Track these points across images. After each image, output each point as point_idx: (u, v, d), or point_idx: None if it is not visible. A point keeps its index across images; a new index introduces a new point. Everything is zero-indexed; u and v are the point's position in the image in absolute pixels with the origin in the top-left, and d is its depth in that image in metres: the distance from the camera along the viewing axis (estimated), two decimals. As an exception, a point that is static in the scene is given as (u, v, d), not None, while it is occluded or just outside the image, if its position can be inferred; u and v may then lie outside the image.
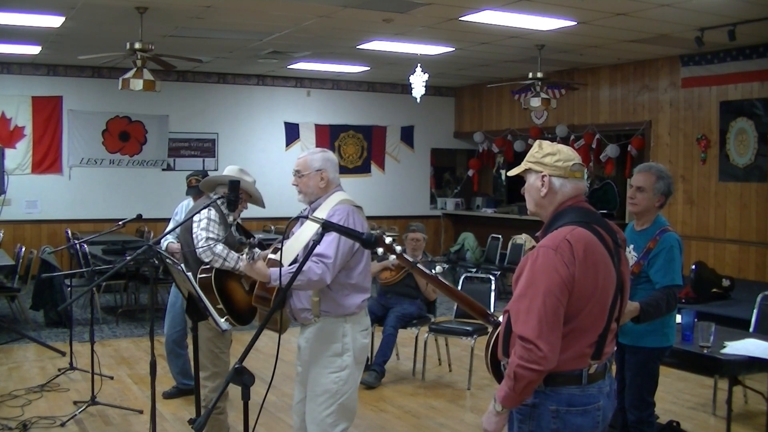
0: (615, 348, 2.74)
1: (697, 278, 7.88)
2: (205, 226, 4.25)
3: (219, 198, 4.24)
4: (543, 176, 2.67)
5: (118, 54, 8.10)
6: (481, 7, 7.56)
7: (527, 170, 2.73)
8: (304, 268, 3.32)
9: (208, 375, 4.42)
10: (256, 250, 3.47)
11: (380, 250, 2.87)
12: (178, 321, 5.79)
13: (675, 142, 10.44)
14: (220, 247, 4.22)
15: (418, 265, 3.02)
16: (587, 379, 2.56)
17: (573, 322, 2.51)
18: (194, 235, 4.28)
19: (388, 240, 2.88)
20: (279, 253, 3.48)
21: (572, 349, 2.53)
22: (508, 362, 2.53)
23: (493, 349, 2.88)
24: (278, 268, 3.41)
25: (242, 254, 3.56)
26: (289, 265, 3.49)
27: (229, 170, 4.51)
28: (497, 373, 2.90)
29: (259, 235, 3.76)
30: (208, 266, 4.23)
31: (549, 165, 2.67)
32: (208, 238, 4.22)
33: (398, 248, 2.89)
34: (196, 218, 4.32)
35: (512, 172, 2.85)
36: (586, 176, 2.77)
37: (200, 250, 4.17)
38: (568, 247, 2.50)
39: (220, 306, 4.14)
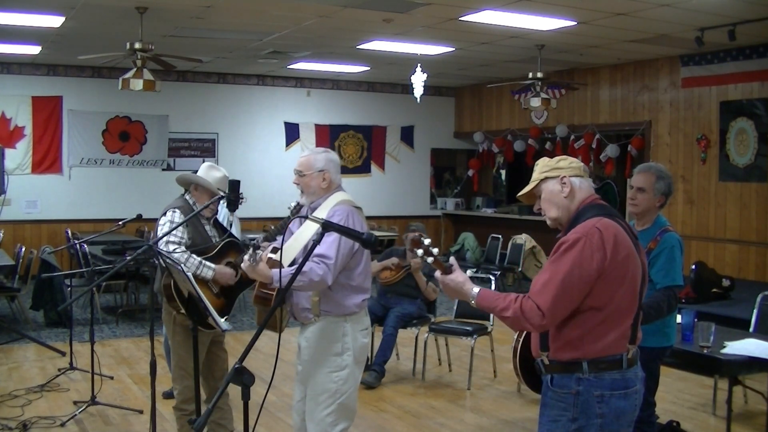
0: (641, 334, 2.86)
1: (697, 278, 7.88)
2: (167, 230, 4.10)
3: (220, 198, 4.23)
4: (563, 178, 2.81)
5: (118, 54, 8.10)
6: (481, 7, 7.56)
7: (542, 181, 2.85)
8: (306, 269, 3.32)
9: (175, 377, 4.34)
10: (259, 251, 3.44)
11: (420, 252, 2.88)
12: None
13: (675, 142, 10.45)
14: (177, 254, 4.05)
15: (453, 268, 3.02)
16: (627, 363, 2.69)
17: (609, 307, 2.65)
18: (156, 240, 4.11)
19: (426, 242, 2.89)
20: (279, 253, 3.48)
21: (612, 333, 2.66)
22: (515, 309, 2.62)
23: (522, 350, 2.94)
24: (279, 269, 3.40)
25: (241, 254, 3.48)
26: (289, 265, 3.49)
27: (200, 169, 4.41)
28: (526, 374, 2.95)
29: (257, 235, 3.70)
30: (167, 271, 4.04)
31: (565, 168, 2.83)
32: (168, 242, 4.09)
33: (435, 251, 2.90)
34: (161, 221, 4.22)
35: (524, 190, 2.92)
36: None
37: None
38: (597, 234, 2.64)
39: (183, 311, 4.03)
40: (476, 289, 2.75)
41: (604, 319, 2.64)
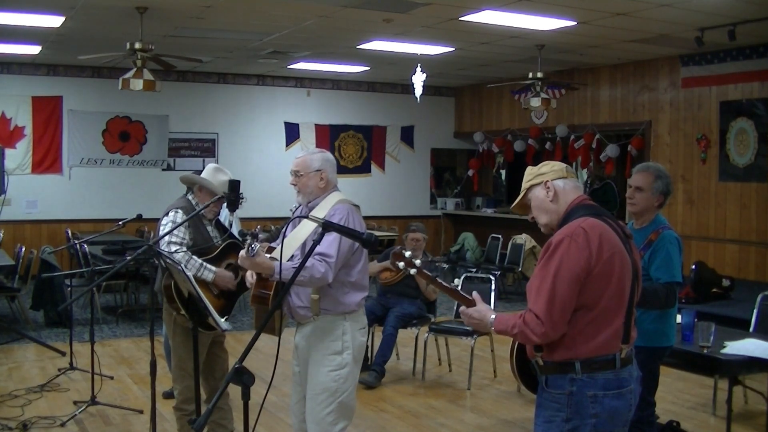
0: (637, 334, 2.85)
1: (697, 278, 7.88)
2: (169, 230, 4.09)
3: (220, 198, 4.23)
4: (546, 183, 2.85)
5: (118, 54, 8.10)
6: (481, 7, 7.56)
7: (529, 189, 2.91)
8: (307, 264, 3.32)
9: (175, 377, 4.36)
10: (256, 243, 3.43)
11: (401, 265, 2.89)
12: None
13: (675, 142, 10.44)
14: (180, 255, 4.04)
15: (438, 279, 3.03)
16: (620, 363, 2.70)
17: (598, 307, 2.66)
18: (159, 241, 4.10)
19: (407, 254, 2.90)
20: (276, 251, 3.47)
21: (603, 333, 2.67)
22: (519, 323, 2.66)
23: (519, 352, 2.95)
24: (280, 262, 3.39)
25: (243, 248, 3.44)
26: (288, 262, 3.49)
27: (206, 170, 4.40)
28: (523, 375, 2.97)
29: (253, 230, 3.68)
30: (168, 271, 4.03)
31: (547, 172, 2.88)
32: (170, 243, 4.08)
33: (417, 262, 2.90)
34: (164, 221, 4.22)
35: (515, 203, 3.02)
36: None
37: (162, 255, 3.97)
38: (583, 233, 2.65)
39: (183, 312, 4.03)
40: (493, 316, 2.78)
41: (594, 319, 2.66)
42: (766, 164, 9.28)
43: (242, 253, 3.38)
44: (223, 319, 3.87)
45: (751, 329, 5.47)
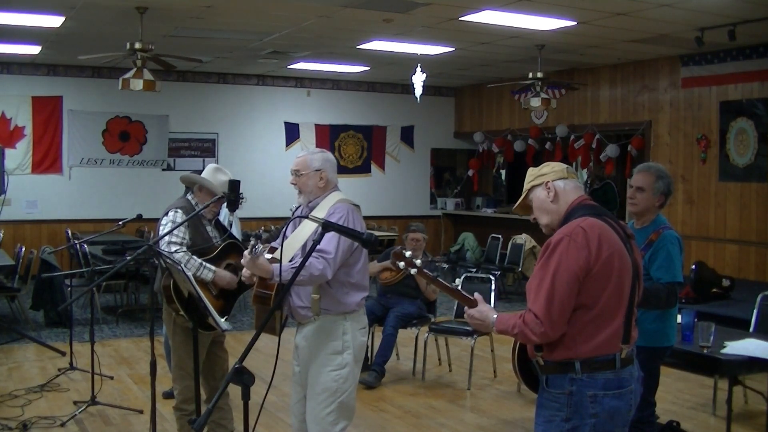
0: (638, 334, 2.85)
1: (697, 278, 7.87)
2: (169, 230, 4.09)
3: (219, 198, 4.23)
4: (546, 183, 2.86)
5: (118, 54, 8.10)
6: (481, 7, 7.56)
7: (530, 190, 2.92)
8: (305, 263, 3.32)
9: (175, 377, 4.36)
10: (259, 245, 3.42)
11: (401, 264, 2.90)
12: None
13: (675, 142, 10.44)
14: (180, 255, 4.04)
15: (439, 279, 3.02)
16: (620, 363, 2.70)
17: (597, 307, 2.66)
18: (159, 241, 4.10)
19: (408, 254, 2.90)
20: (277, 252, 3.47)
21: (604, 333, 2.67)
22: (519, 323, 2.68)
23: (520, 351, 2.96)
24: (279, 264, 3.39)
25: (247, 248, 3.42)
26: (288, 262, 3.49)
27: (206, 170, 4.40)
28: (525, 375, 2.97)
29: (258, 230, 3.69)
30: (168, 272, 4.04)
31: (548, 173, 2.89)
32: (170, 242, 4.09)
33: (418, 262, 2.90)
34: (163, 221, 4.22)
35: (517, 204, 3.03)
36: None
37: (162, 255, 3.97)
38: (582, 233, 2.66)
39: (182, 313, 4.03)
40: (495, 316, 2.80)
41: (593, 319, 2.66)
42: (766, 164, 9.28)
43: (245, 253, 3.37)
44: (222, 319, 3.87)
45: (751, 329, 5.47)
